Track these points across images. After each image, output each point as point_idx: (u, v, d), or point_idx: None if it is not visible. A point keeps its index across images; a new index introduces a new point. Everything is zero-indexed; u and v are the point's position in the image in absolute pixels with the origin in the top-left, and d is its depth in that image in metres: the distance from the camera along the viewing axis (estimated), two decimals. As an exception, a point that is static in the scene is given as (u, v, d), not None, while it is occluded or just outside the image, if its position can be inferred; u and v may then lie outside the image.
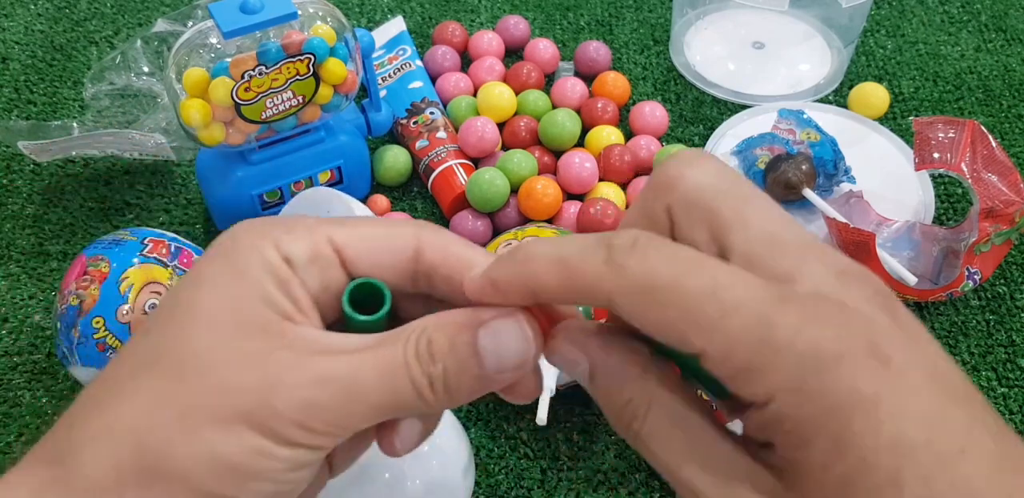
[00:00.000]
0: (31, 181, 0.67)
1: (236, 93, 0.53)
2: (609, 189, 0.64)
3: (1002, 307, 0.60)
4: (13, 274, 0.62)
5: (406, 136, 0.68)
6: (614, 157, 0.64)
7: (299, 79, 0.54)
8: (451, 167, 0.64)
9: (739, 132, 0.68)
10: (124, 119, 0.67)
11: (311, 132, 0.59)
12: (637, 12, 0.81)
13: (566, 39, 0.78)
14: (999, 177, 0.58)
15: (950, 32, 0.79)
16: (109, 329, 0.50)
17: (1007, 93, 0.73)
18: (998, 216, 0.57)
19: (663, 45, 0.78)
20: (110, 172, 0.68)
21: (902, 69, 0.76)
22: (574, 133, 0.66)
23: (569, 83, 0.70)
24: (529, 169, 0.63)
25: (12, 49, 0.77)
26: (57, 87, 0.74)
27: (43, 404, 0.56)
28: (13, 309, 0.60)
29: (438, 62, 0.73)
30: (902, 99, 0.73)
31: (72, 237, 0.64)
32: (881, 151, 0.68)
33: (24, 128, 0.66)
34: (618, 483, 0.52)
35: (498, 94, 0.68)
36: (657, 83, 0.75)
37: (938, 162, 0.58)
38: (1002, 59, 0.76)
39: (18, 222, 0.65)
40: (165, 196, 0.66)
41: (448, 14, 0.80)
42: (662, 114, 0.69)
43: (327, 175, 0.62)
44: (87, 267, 0.52)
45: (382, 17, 0.80)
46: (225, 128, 0.55)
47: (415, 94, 0.70)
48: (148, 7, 0.81)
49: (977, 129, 0.59)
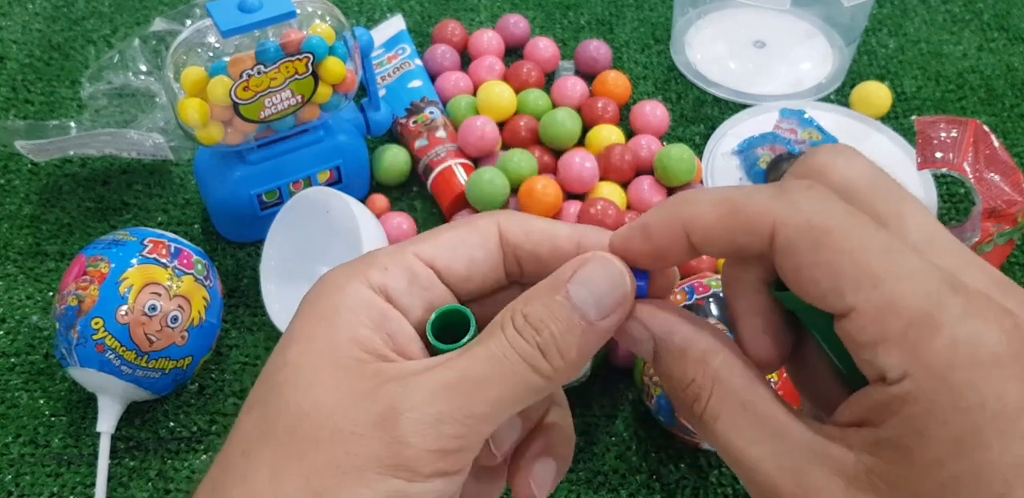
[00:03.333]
0: (28, 181, 0.67)
1: (234, 92, 0.52)
2: (610, 189, 0.63)
3: (1005, 307, 0.60)
4: (11, 274, 0.62)
5: (405, 135, 0.67)
6: (615, 156, 0.64)
7: (298, 78, 0.54)
8: (451, 167, 0.64)
9: (740, 131, 0.68)
10: (122, 118, 0.67)
11: (310, 132, 0.59)
12: (638, 11, 0.80)
13: (566, 38, 0.78)
14: (1001, 177, 0.58)
15: (952, 31, 0.78)
16: (108, 330, 0.50)
17: (1009, 92, 0.73)
18: (1000, 216, 0.57)
19: (664, 44, 0.77)
20: (108, 172, 0.68)
21: (904, 68, 0.75)
22: (574, 132, 0.66)
23: (569, 82, 0.70)
24: (529, 169, 0.63)
25: (9, 48, 0.76)
26: (55, 86, 0.74)
27: (40, 405, 0.55)
28: (10, 310, 0.60)
29: (438, 61, 0.73)
30: (904, 98, 0.73)
31: (70, 237, 0.64)
32: (883, 151, 0.67)
33: (21, 128, 0.65)
34: (619, 484, 0.52)
35: (498, 93, 0.68)
36: (658, 82, 0.74)
37: (940, 162, 0.57)
38: (1004, 58, 0.76)
39: (15, 222, 0.64)
40: (163, 196, 0.66)
41: (448, 13, 0.80)
42: (663, 113, 0.69)
43: (326, 175, 0.61)
44: (86, 267, 0.52)
45: (381, 16, 0.79)
46: (223, 127, 0.55)
47: (414, 93, 0.70)
48: (146, 6, 0.80)
49: (979, 129, 0.59)
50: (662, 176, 0.63)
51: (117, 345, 0.50)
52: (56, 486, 0.52)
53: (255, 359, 0.58)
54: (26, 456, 0.53)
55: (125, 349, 0.50)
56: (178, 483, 0.52)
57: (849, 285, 0.21)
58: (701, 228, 0.23)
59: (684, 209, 0.24)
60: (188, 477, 0.52)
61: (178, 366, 0.52)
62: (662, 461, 0.53)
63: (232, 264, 0.62)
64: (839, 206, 0.22)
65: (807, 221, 0.22)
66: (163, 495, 0.52)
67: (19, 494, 0.52)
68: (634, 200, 0.63)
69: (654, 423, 0.54)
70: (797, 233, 0.22)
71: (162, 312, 0.51)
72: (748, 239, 0.23)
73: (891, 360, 0.20)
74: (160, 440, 0.54)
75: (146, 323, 0.51)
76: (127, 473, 0.53)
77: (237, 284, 0.61)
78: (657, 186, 0.63)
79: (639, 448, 0.53)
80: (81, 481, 0.52)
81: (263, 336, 0.59)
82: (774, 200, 0.22)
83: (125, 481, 0.52)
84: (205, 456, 0.53)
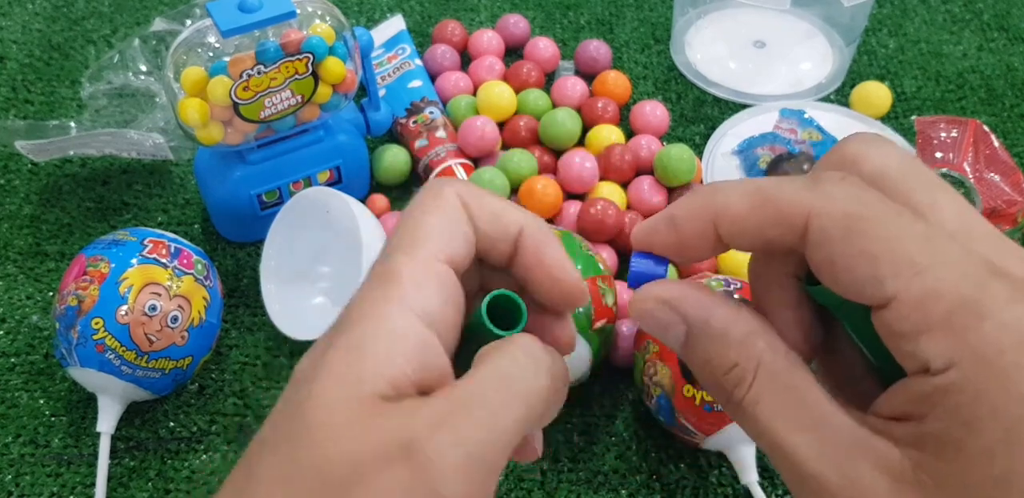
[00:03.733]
0: (28, 181, 0.67)
1: (234, 92, 0.52)
2: (610, 189, 0.63)
3: (1005, 307, 0.60)
4: (10, 274, 0.62)
5: (405, 135, 0.67)
6: (615, 156, 0.64)
7: (298, 78, 0.54)
8: (451, 167, 0.64)
9: (740, 131, 0.68)
10: (122, 118, 0.67)
11: (310, 132, 0.59)
12: (638, 11, 0.80)
13: (566, 38, 0.78)
14: (1001, 177, 0.58)
15: (952, 31, 0.78)
16: (108, 330, 0.50)
17: (1009, 92, 0.73)
18: (1000, 216, 0.57)
19: (664, 44, 0.77)
20: (108, 172, 0.68)
21: (904, 68, 0.75)
22: (574, 132, 0.66)
23: (569, 82, 0.70)
24: (529, 169, 0.63)
25: (9, 48, 0.76)
26: (55, 86, 0.74)
27: (40, 405, 0.55)
28: (10, 310, 0.60)
29: (437, 61, 0.73)
30: (904, 98, 0.73)
31: (70, 237, 0.64)
32: (883, 150, 0.67)
33: (21, 128, 0.65)
34: (619, 484, 0.52)
35: (498, 93, 0.68)
36: (658, 82, 0.74)
37: (940, 162, 0.57)
38: (1004, 58, 0.76)
39: (15, 222, 0.64)
40: (163, 196, 0.66)
41: (448, 13, 0.80)
42: (663, 113, 0.69)
43: (326, 175, 0.61)
44: (86, 267, 0.52)
45: (381, 16, 0.79)
46: (223, 127, 0.55)
47: (414, 93, 0.70)
48: (146, 6, 0.80)
49: (979, 129, 0.59)
50: (662, 176, 0.63)
51: (117, 345, 0.50)
52: (56, 486, 0.52)
53: (255, 359, 0.58)
54: (26, 456, 0.53)
55: (125, 349, 0.50)
56: (178, 483, 0.52)
57: (889, 273, 0.20)
58: (731, 220, 0.23)
59: (714, 200, 0.23)
60: (188, 477, 0.52)
61: (178, 366, 0.52)
62: (662, 461, 0.53)
63: (232, 264, 0.62)
64: (874, 195, 0.21)
65: (842, 210, 0.21)
66: (163, 495, 0.52)
67: (19, 494, 0.52)
68: (634, 200, 0.63)
69: (654, 423, 0.54)
70: (832, 222, 0.21)
71: (162, 312, 0.51)
72: (780, 231, 0.22)
73: (936, 349, 0.20)
74: (160, 440, 0.54)
75: (146, 323, 0.51)
76: (127, 473, 0.53)
77: (237, 284, 0.61)
78: (657, 186, 0.63)
79: (639, 448, 0.53)
80: (81, 481, 0.52)
81: (263, 336, 0.59)
82: (807, 191, 0.22)
83: (125, 481, 0.52)
84: (205, 456, 0.53)
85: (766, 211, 0.22)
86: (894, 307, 0.20)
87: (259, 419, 0.55)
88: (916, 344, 0.20)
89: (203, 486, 0.52)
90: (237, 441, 0.54)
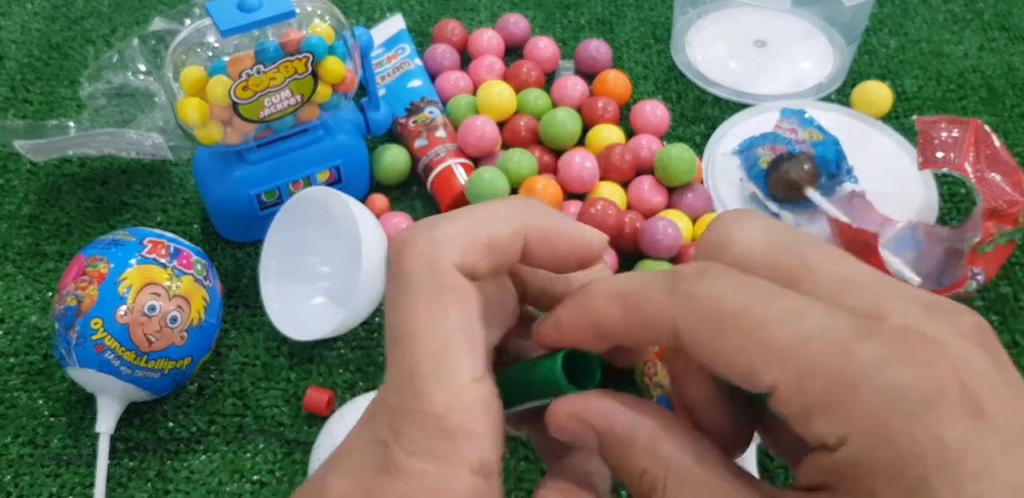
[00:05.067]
0: (27, 181, 0.67)
1: (234, 92, 0.52)
2: (610, 188, 0.63)
3: (1006, 308, 0.60)
4: (9, 274, 0.61)
5: (405, 135, 0.67)
6: (615, 156, 0.64)
7: (297, 78, 0.54)
8: (450, 166, 0.64)
9: (741, 131, 0.68)
10: (121, 118, 0.67)
11: (309, 131, 0.59)
12: (638, 10, 0.80)
13: (566, 37, 0.78)
14: (1003, 177, 0.58)
15: (953, 31, 0.78)
16: (107, 330, 0.50)
17: (1010, 92, 0.73)
18: (1001, 216, 0.56)
19: (664, 44, 0.77)
20: (107, 172, 0.67)
21: (905, 68, 0.75)
22: (574, 132, 0.66)
23: (569, 82, 0.70)
24: (529, 168, 0.63)
25: (8, 48, 0.76)
26: (54, 86, 0.73)
27: (39, 406, 0.55)
28: (9, 310, 0.60)
29: (437, 61, 0.73)
30: (905, 98, 0.73)
31: (69, 237, 0.63)
32: (884, 151, 0.67)
33: (20, 127, 0.65)
34: (619, 484, 0.52)
35: (498, 93, 0.68)
36: (658, 82, 0.74)
37: (941, 162, 0.57)
38: (1005, 58, 0.76)
39: (14, 222, 0.64)
40: (162, 196, 0.66)
41: (448, 12, 0.80)
42: (663, 113, 0.68)
43: (326, 175, 0.61)
44: (85, 267, 0.52)
45: (381, 15, 0.79)
46: (223, 127, 0.54)
47: (414, 93, 0.69)
48: (145, 6, 0.80)
49: (980, 128, 0.59)
50: (662, 176, 0.63)
51: (116, 345, 0.50)
52: (55, 486, 0.52)
53: (254, 359, 0.57)
54: (25, 456, 0.53)
55: (124, 349, 0.50)
56: (177, 483, 0.52)
57: (761, 365, 0.20)
58: (608, 328, 0.23)
59: (589, 305, 0.23)
60: (187, 477, 0.52)
61: (177, 366, 0.52)
62: (662, 462, 0.53)
63: (232, 264, 0.62)
64: (732, 284, 0.21)
65: (705, 312, 0.21)
66: (162, 495, 0.52)
67: (18, 494, 0.52)
68: (634, 200, 0.63)
69: (654, 423, 0.54)
70: (698, 326, 0.21)
71: (161, 312, 0.51)
72: (654, 336, 0.22)
73: (826, 428, 0.20)
74: (159, 440, 0.54)
75: (145, 323, 0.50)
76: (126, 473, 0.52)
77: (237, 284, 0.61)
78: (657, 186, 0.63)
79: (639, 449, 0.53)
80: (80, 481, 0.52)
81: (263, 336, 0.58)
82: (668, 295, 0.22)
83: (124, 481, 0.52)
84: (204, 456, 0.53)
85: (636, 319, 0.22)
86: (777, 395, 0.21)
87: (258, 419, 0.55)
88: (807, 425, 0.20)
89: (202, 486, 0.52)
90: (236, 441, 0.54)
